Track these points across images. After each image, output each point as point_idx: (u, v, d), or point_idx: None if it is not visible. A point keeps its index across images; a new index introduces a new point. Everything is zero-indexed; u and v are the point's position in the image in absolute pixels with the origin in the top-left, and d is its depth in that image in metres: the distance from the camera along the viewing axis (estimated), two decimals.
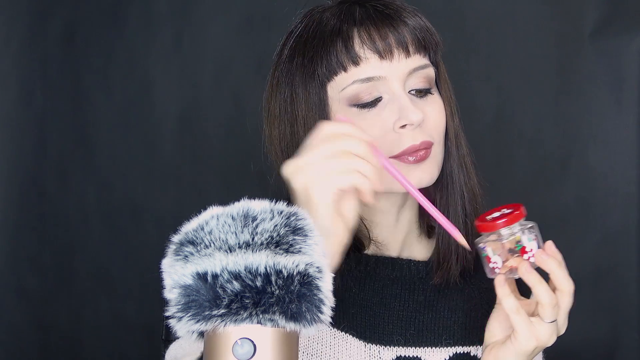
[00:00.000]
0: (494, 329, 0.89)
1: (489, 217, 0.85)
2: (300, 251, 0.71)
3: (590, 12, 1.65)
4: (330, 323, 0.70)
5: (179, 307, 0.69)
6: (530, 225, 0.85)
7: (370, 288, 0.98)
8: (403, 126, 0.89)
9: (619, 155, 1.64)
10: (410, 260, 1.00)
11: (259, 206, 0.74)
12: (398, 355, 0.97)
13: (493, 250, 0.85)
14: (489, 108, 1.73)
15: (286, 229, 0.72)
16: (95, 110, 2.17)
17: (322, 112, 0.92)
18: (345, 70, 0.90)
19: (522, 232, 0.84)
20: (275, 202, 0.75)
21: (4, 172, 2.35)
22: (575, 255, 1.67)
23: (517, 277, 0.85)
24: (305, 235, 0.72)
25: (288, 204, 0.75)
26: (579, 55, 1.66)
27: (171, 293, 0.70)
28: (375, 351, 0.96)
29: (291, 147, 0.95)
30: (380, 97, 0.90)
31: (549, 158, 1.70)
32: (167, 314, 0.70)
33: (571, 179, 1.68)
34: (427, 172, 0.91)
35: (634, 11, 1.63)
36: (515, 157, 1.72)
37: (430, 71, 0.93)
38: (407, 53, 0.90)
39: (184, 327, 0.69)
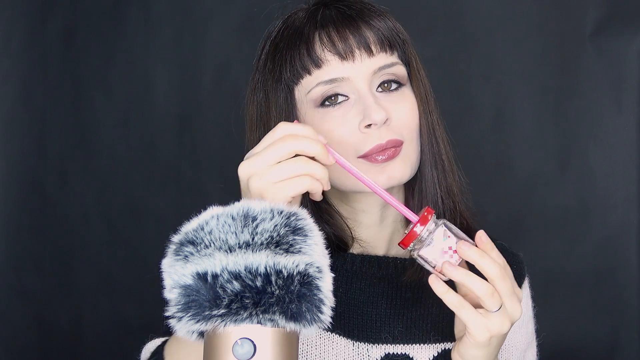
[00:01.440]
0: (459, 324, 0.88)
1: (406, 231, 0.85)
2: (300, 251, 0.71)
3: (590, 12, 1.65)
4: None
5: (179, 307, 0.69)
6: (441, 222, 0.84)
7: (357, 287, 0.98)
8: (368, 126, 0.90)
9: (619, 155, 1.64)
10: (397, 258, 1.01)
11: (259, 206, 0.74)
12: (387, 352, 0.97)
13: (428, 255, 0.84)
14: (489, 108, 1.73)
15: (286, 229, 0.72)
16: (95, 110, 2.17)
17: (290, 116, 0.94)
18: (309, 73, 0.92)
19: (438, 230, 0.83)
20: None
21: (4, 172, 2.35)
22: (575, 255, 1.67)
23: (447, 278, 0.83)
24: (305, 235, 0.73)
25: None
26: (579, 55, 1.66)
27: (171, 293, 0.70)
28: (363, 349, 0.97)
29: None
30: (347, 97, 0.91)
31: (549, 158, 1.70)
32: (167, 314, 0.70)
33: (571, 179, 1.68)
34: (397, 171, 0.91)
35: (634, 11, 1.63)
36: (515, 157, 1.72)
37: (399, 69, 0.93)
38: (370, 53, 0.91)
39: (184, 327, 0.69)
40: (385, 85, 0.92)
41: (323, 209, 0.98)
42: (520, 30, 1.71)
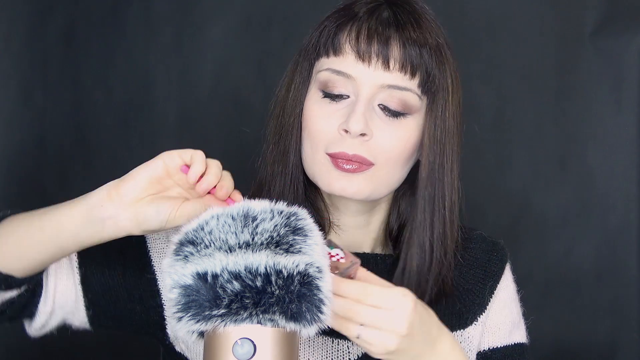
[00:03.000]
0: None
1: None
2: (300, 251, 0.71)
3: (590, 12, 1.65)
4: None
5: (179, 307, 0.69)
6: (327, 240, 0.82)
7: None
8: (346, 130, 0.89)
9: (619, 155, 1.64)
10: (377, 254, 1.00)
11: (259, 206, 0.74)
12: None
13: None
14: (489, 108, 1.73)
15: (286, 229, 0.72)
16: (95, 110, 2.16)
17: (304, 86, 0.95)
18: (327, 55, 0.91)
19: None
20: (276, 202, 0.76)
21: (4, 171, 2.35)
22: (575, 255, 1.67)
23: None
24: (305, 235, 0.73)
25: (288, 204, 0.76)
26: (579, 55, 1.66)
27: (171, 293, 0.70)
28: (343, 346, 0.96)
29: (277, 106, 0.98)
30: (348, 95, 0.91)
31: (549, 158, 1.70)
32: (167, 313, 0.70)
33: (571, 179, 1.67)
34: (354, 186, 0.90)
35: (634, 11, 1.63)
36: (515, 157, 1.72)
37: (409, 96, 0.90)
38: (386, 67, 0.89)
39: (184, 327, 0.70)
40: (386, 109, 0.90)
41: (309, 191, 0.98)
42: (520, 30, 1.70)
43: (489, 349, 1.01)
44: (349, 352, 0.96)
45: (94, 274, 0.93)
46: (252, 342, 0.68)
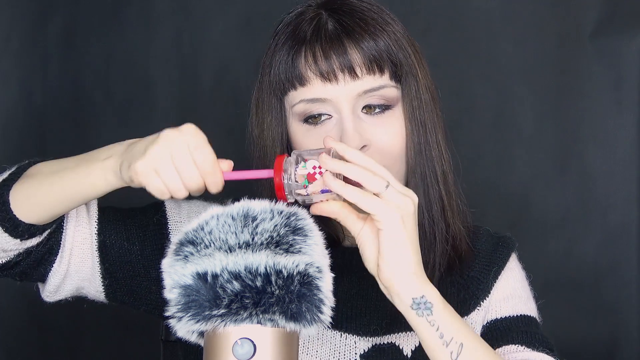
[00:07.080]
0: (367, 255, 0.82)
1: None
2: (300, 251, 0.72)
3: (590, 12, 1.65)
4: None
5: (179, 307, 0.70)
6: (295, 156, 0.81)
7: (347, 280, 0.98)
8: None
9: (619, 155, 1.64)
10: None
11: (259, 206, 0.74)
12: (374, 343, 0.97)
13: (294, 190, 0.80)
14: (489, 108, 1.73)
15: (286, 229, 0.73)
16: (95, 110, 2.17)
17: (281, 123, 0.94)
18: (294, 88, 0.91)
19: (297, 164, 0.80)
20: (275, 202, 0.76)
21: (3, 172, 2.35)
22: (575, 255, 1.68)
23: (316, 199, 0.80)
24: (305, 235, 0.73)
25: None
26: (579, 55, 1.66)
27: (171, 293, 0.71)
28: (351, 341, 0.96)
29: (256, 149, 0.97)
30: (330, 116, 0.91)
31: (549, 158, 1.70)
32: (167, 314, 0.70)
33: (571, 179, 1.68)
34: None
35: (634, 11, 1.63)
36: (515, 157, 1.72)
37: (388, 91, 0.91)
38: (354, 76, 0.89)
39: (184, 327, 0.70)
40: (370, 108, 0.91)
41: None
42: (520, 30, 1.70)
43: (490, 320, 1.00)
44: (356, 346, 0.96)
45: (113, 244, 0.93)
46: (252, 342, 0.68)
